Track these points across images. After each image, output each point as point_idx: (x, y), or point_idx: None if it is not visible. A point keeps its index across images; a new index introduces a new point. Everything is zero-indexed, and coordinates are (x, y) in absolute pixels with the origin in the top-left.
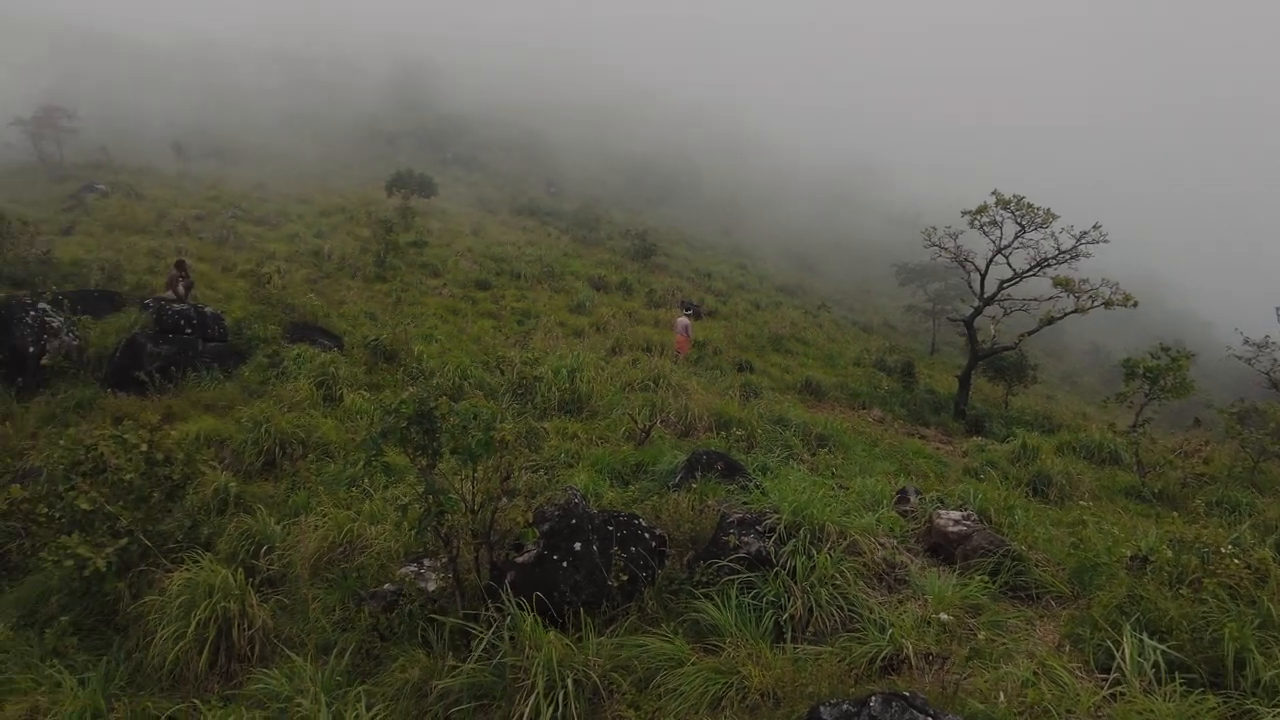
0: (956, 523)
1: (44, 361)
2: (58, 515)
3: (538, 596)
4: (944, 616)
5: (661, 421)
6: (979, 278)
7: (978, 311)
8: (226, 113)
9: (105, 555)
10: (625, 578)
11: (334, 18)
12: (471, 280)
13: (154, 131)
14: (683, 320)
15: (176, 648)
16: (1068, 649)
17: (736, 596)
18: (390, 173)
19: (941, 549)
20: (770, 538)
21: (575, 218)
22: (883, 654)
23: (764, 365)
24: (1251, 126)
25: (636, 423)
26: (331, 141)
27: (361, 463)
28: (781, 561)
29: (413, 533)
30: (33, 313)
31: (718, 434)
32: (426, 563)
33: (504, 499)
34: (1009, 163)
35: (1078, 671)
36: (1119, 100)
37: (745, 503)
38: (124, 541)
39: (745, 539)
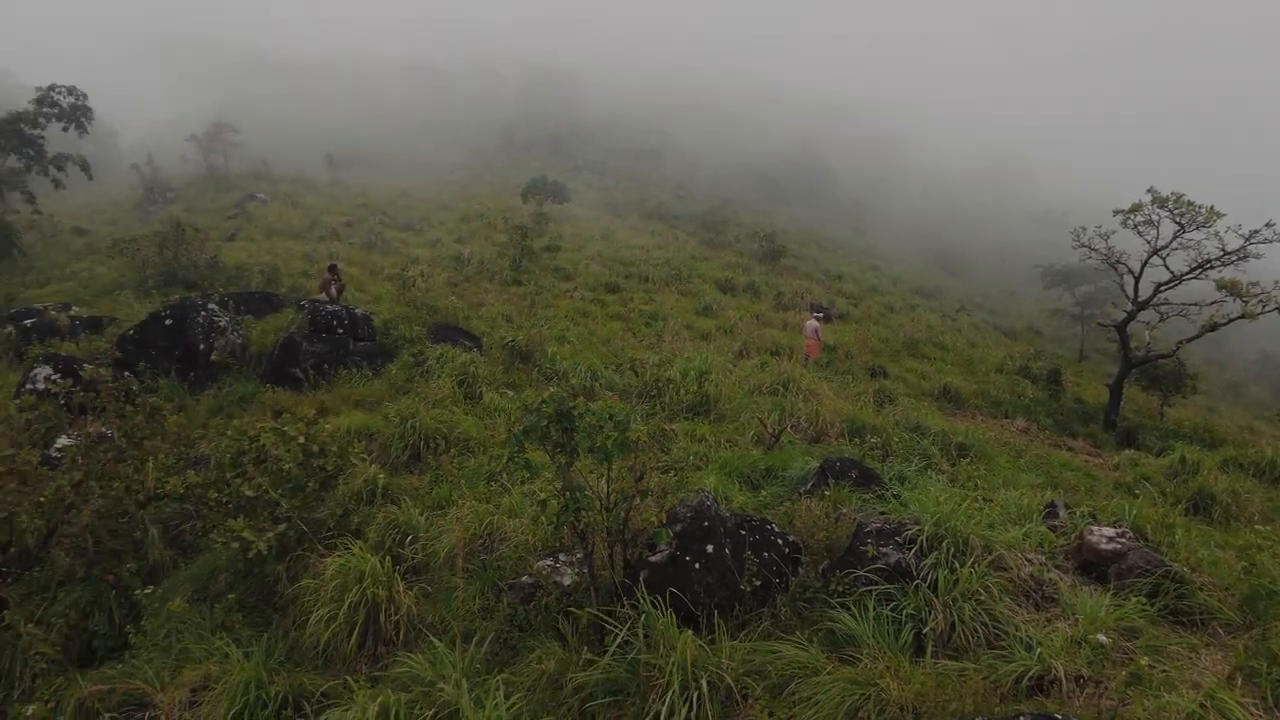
0: (1110, 540)
1: (213, 358)
2: (225, 500)
3: (672, 595)
4: (1102, 638)
5: (791, 426)
6: (1132, 280)
7: (1131, 316)
8: (374, 124)
9: (267, 539)
10: (758, 583)
11: (474, 31)
12: (601, 283)
13: (308, 143)
14: (812, 323)
15: (329, 629)
16: (1240, 682)
17: (874, 608)
18: (525, 179)
19: (1093, 567)
20: (910, 549)
21: (703, 220)
22: (1030, 673)
23: (899, 370)
24: None
25: (766, 427)
26: (471, 150)
27: (504, 458)
28: (922, 574)
29: (550, 528)
30: (203, 313)
31: (850, 441)
32: (562, 557)
33: (637, 498)
34: (1171, 160)
35: (1253, 708)
36: None
37: (882, 512)
38: (283, 527)
39: (884, 549)
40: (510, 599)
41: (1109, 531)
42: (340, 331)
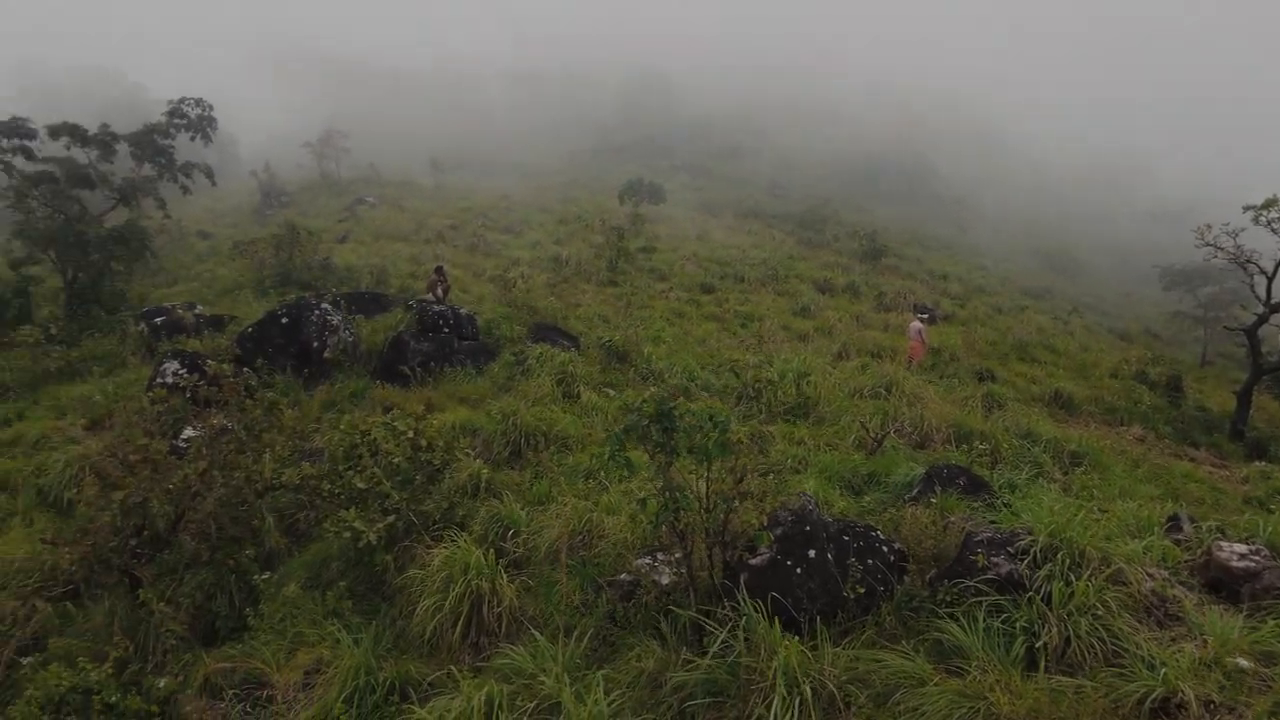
0: (1242, 557)
1: (326, 355)
2: (338, 491)
3: (773, 599)
4: (1242, 662)
5: (895, 431)
6: (1265, 281)
7: (1263, 319)
8: (477, 129)
9: (377, 529)
10: (862, 590)
11: (573, 35)
12: (696, 284)
13: (414, 148)
14: (916, 325)
15: (435, 619)
16: None
17: (984, 619)
18: (622, 181)
19: (1223, 585)
20: (1023, 560)
21: (800, 219)
22: (1154, 695)
23: (1007, 374)
24: None
25: (868, 431)
26: (569, 153)
27: (606, 456)
28: (1035, 586)
29: (648, 526)
30: (317, 312)
31: (957, 447)
32: (660, 556)
33: (737, 500)
34: None
35: None
36: None
37: (993, 521)
38: (392, 518)
39: (995, 560)
40: (609, 596)
41: (1241, 548)
42: (446, 331)
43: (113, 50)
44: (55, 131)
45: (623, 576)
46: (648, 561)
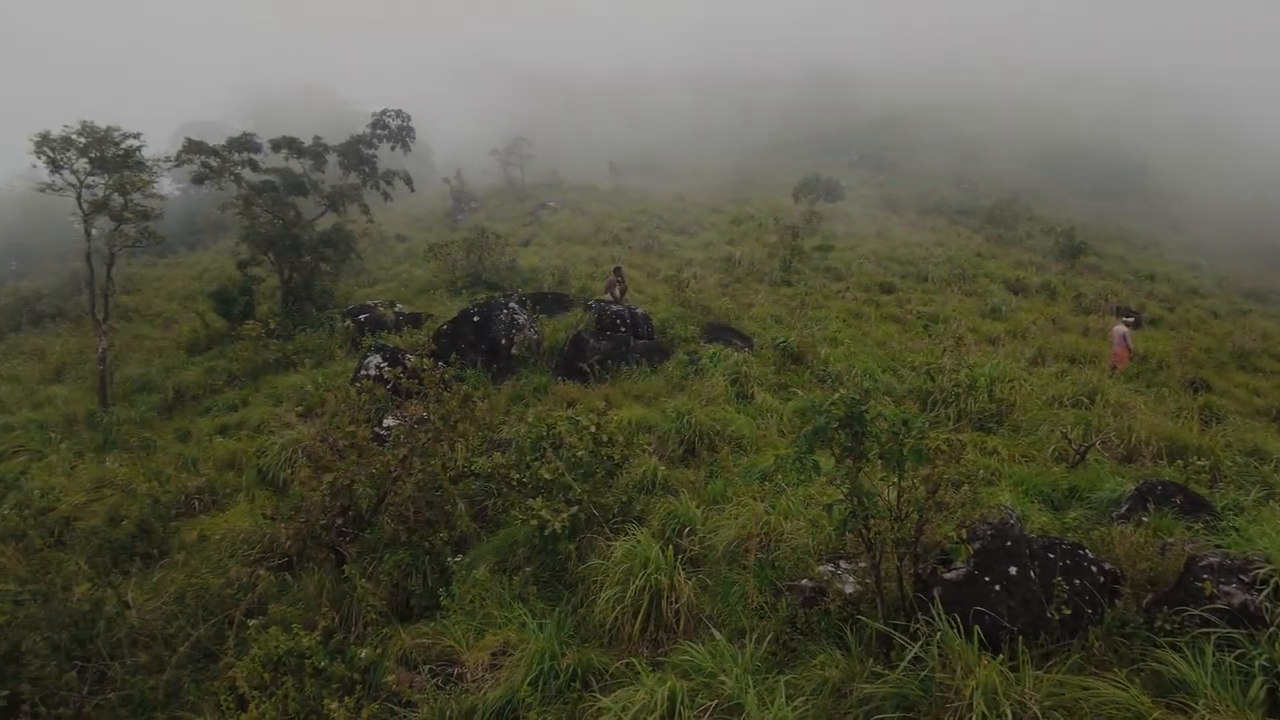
0: None
1: (513, 351)
2: (525, 481)
3: (976, 613)
4: None
5: (1099, 443)
6: None
7: None
8: (654, 132)
9: (561, 519)
10: (1068, 611)
11: (748, 35)
12: (875, 283)
13: (594, 153)
14: (1120, 329)
15: (616, 610)
16: None
17: (1214, 653)
18: (797, 179)
19: None
20: (1260, 592)
21: (989, 215)
22: None
23: (1225, 385)
24: None
25: (1069, 442)
26: (743, 152)
27: (791, 458)
28: (1277, 621)
29: (833, 532)
30: (505, 311)
31: (1170, 462)
32: (844, 564)
33: (931, 510)
34: None
35: None
36: None
37: (1219, 546)
38: (575, 509)
39: (1225, 588)
40: (790, 601)
41: None
42: (623, 330)
43: (324, 68)
44: (276, 145)
45: (804, 582)
46: (830, 569)
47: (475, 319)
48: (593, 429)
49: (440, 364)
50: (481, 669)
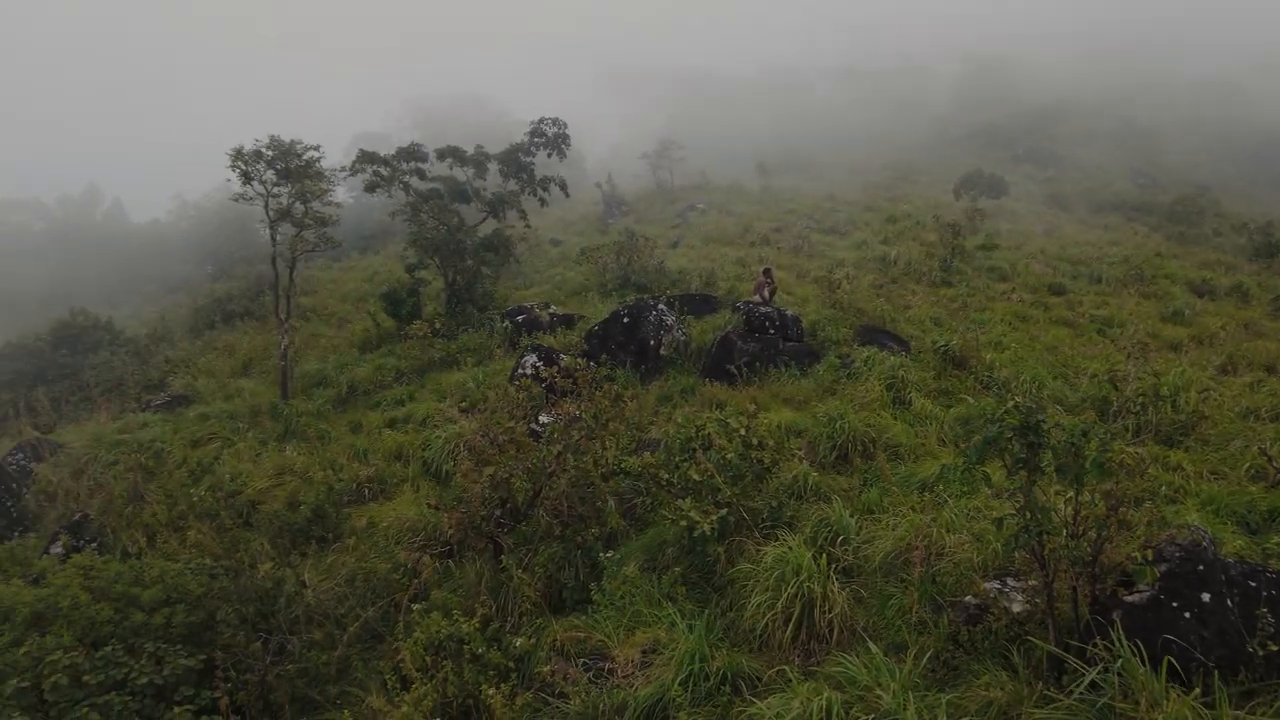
0: None
1: (661, 352)
2: (675, 481)
3: (1151, 643)
4: None
5: None
6: None
7: None
8: (804, 131)
9: (710, 521)
10: (1275, 647)
11: (901, 27)
12: (1043, 285)
13: (743, 154)
14: None
15: (766, 616)
16: None
17: None
18: (956, 176)
19: None
20: None
21: (1170, 211)
22: None
23: None
24: None
25: (1269, 459)
26: (898, 149)
27: (959, 468)
28: None
29: (1000, 547)
30: (654, 312)
31: None
32: (1011, 582)
33: (1112, 529)
34: None
35: None
36: None
37: None
38: (724, 512)
39: None
40: (951, 616)
41: None
42: (772, 332)
43: (484, 79)
44: (441, 154)
45: (967, 599)
46: (997, 586)
47: (625, 320)
48: (742, 431)
49: (592, 364)
50: (632, 665)
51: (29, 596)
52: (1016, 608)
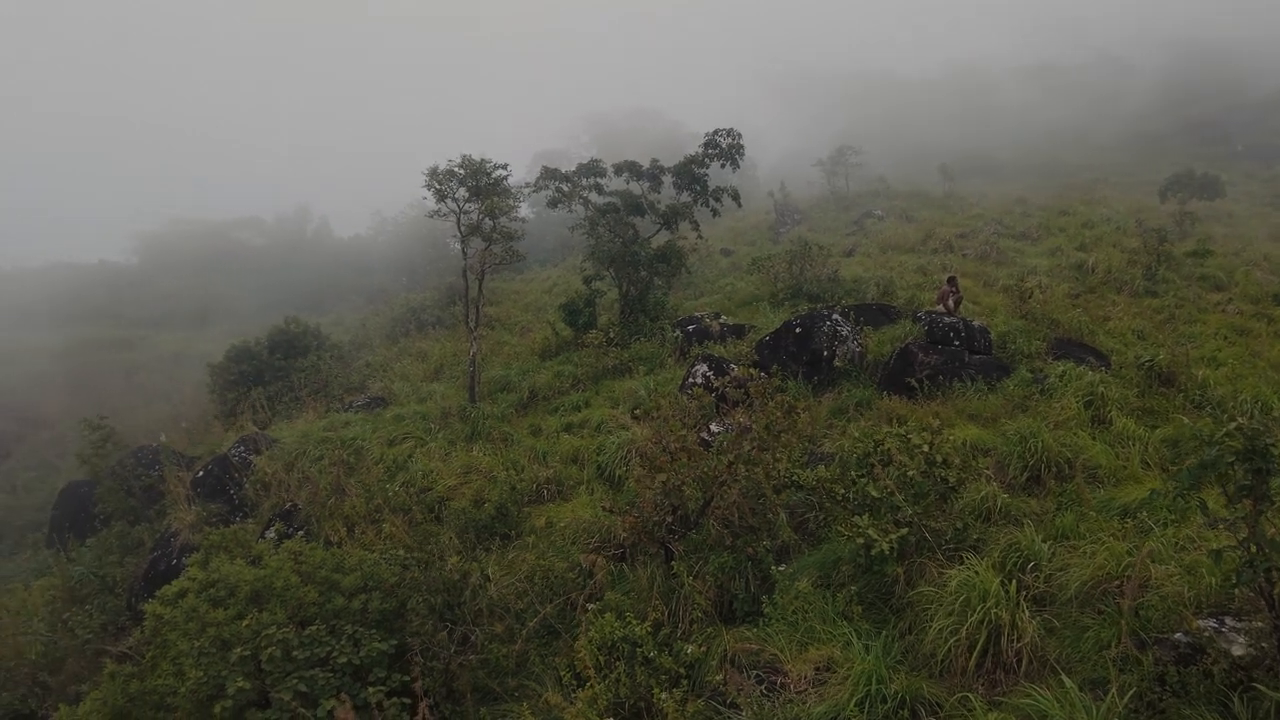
0: None
1: (835, 363)
2: (851, 497)
3: None
4: None
5: None
6: None
7: None
8: (990, 132)
9: (889, 540)
10: None
11: (1097, 20)
12: (1267, 294)
13: (923, 157)
14: None
15: (949, 642)
16: None
17: None
18: (1163, 176)
19: None
20: None
21: None
22: None
23: None
24: None
25: None
26: (1094, 148)
27: (1170, 494)
28: None
29: (1218, 583)
30: (828, 323)
31: None
32: (1230, 621)
33: None
34: None
35: None
36: None
37: None
38: (904, 531)
39: None
40: (1158, 655)
41: None
42: (956, 344)
43: (657, 94)
44: (618, 169)
45: (1177, 636)
46: (1213, 625)
47: (797, 330)
48: (925, 448)
49: (763, 374)
50: (805, 682)
51: (250, 576)
52: (1238, 650)
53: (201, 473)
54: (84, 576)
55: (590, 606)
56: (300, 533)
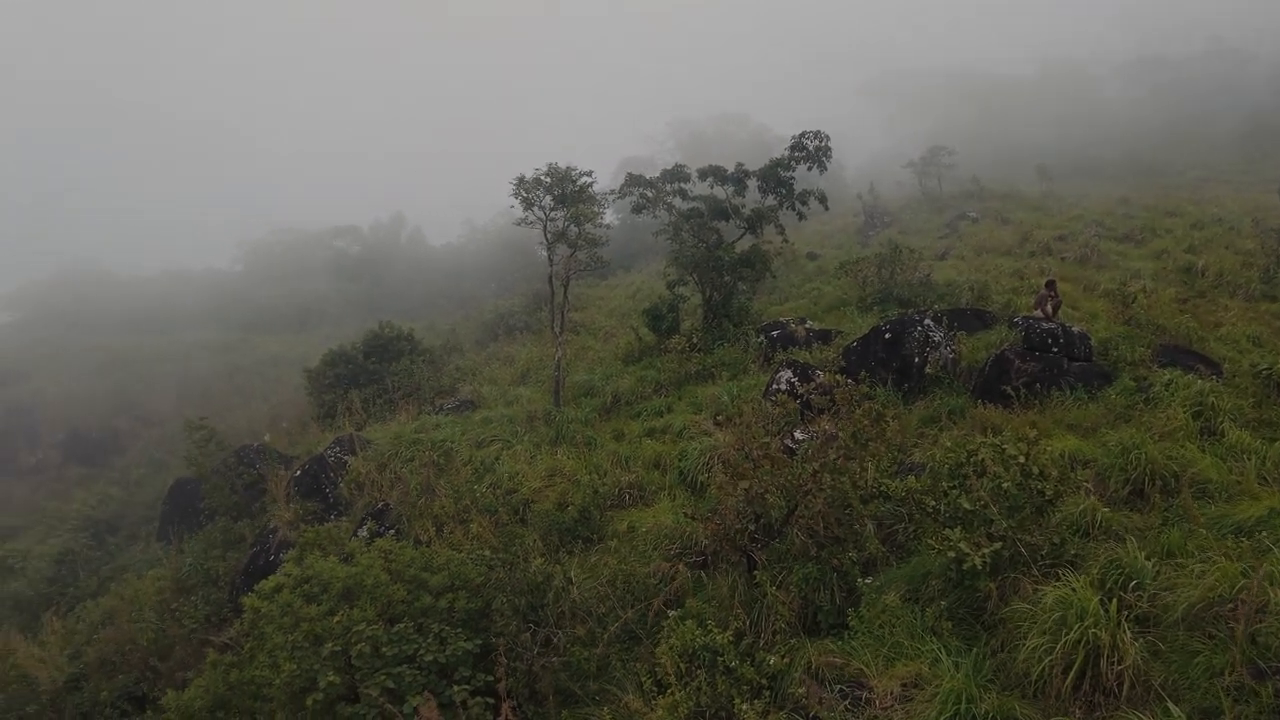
0: None
1: (926, 370)
2: (941, 509)
3: None
4: None
5: None
6: None
7: None
8: (1091, 130)
9: (982, 554)
10: None
11: (1214, 8)
12: None
13: (1020, 158)
14: None
15: (1044, 662)
16: None
17: None
18: None
19: None
20: None
21: None
22: None
23: None
24: None
25: None
26: (1205, 147)
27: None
28: None
29: None
30: (919, 328)
31: None
32: None
33: None
34: None
35: None
36: None
37: None
38: (998, 545)
39: None
40: (1278, 686)
41: None
42: (1055, 350)
43: (744, 98)
44: (703, 174)
45: None
46: None
47: (886, 336)
48: (1021, 459)
49: (850, 381)
50: (891, 698)
51: (342, 573)
52: None
53: (299, 472)
54: (190, 569)
55: (671, 613)
56: (391, 531)
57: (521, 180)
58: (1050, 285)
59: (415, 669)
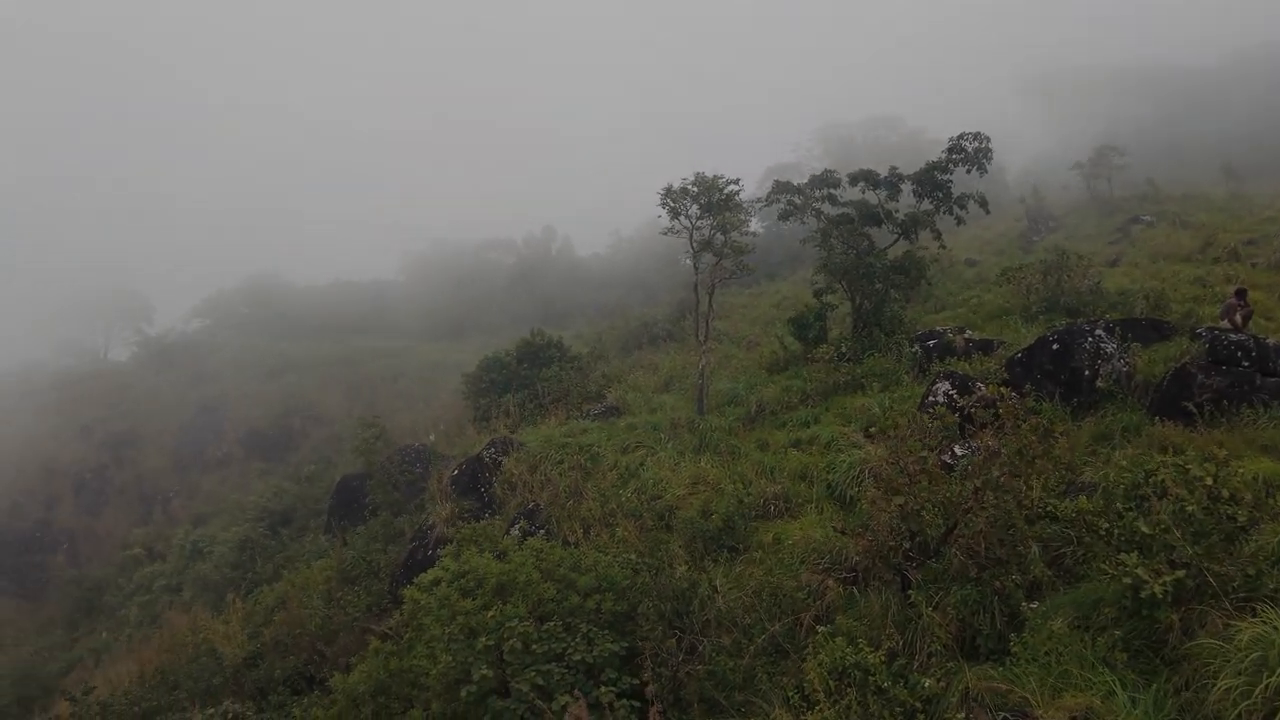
0: None
1: (1097, 384)
2: (1115, 532)
3: None
4: None
5: None
6: None
7: None
8: None
9: (1162, 582)
10: None
11: None
12: None
13: (1202, 156)
14: None
15: (1239, 705)
16: None
17: None
18: None
19: None
20: None
21: None
22: None
23: None
24: None
25: None
26: None
27: None
28: None
29: None
30: (1089, 339)
31: None
32: None
33: None
34: None
35: None
36: None
37: None
38: (1180, 573)
39: None
40: None
41: None
42: (1245, 364)
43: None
44: (854, 179)
45: None
46: None
47: (1054, 346)
48: (1208, 481)
49: (1014, 394)
50: None
51: (496, 569)
52: None
53: (456, 471)
54: (354, 561)
55: (820, 629)
56: (541, 531)
57: (669, 190)
58: (1240, 294)
59: (564, 667)
